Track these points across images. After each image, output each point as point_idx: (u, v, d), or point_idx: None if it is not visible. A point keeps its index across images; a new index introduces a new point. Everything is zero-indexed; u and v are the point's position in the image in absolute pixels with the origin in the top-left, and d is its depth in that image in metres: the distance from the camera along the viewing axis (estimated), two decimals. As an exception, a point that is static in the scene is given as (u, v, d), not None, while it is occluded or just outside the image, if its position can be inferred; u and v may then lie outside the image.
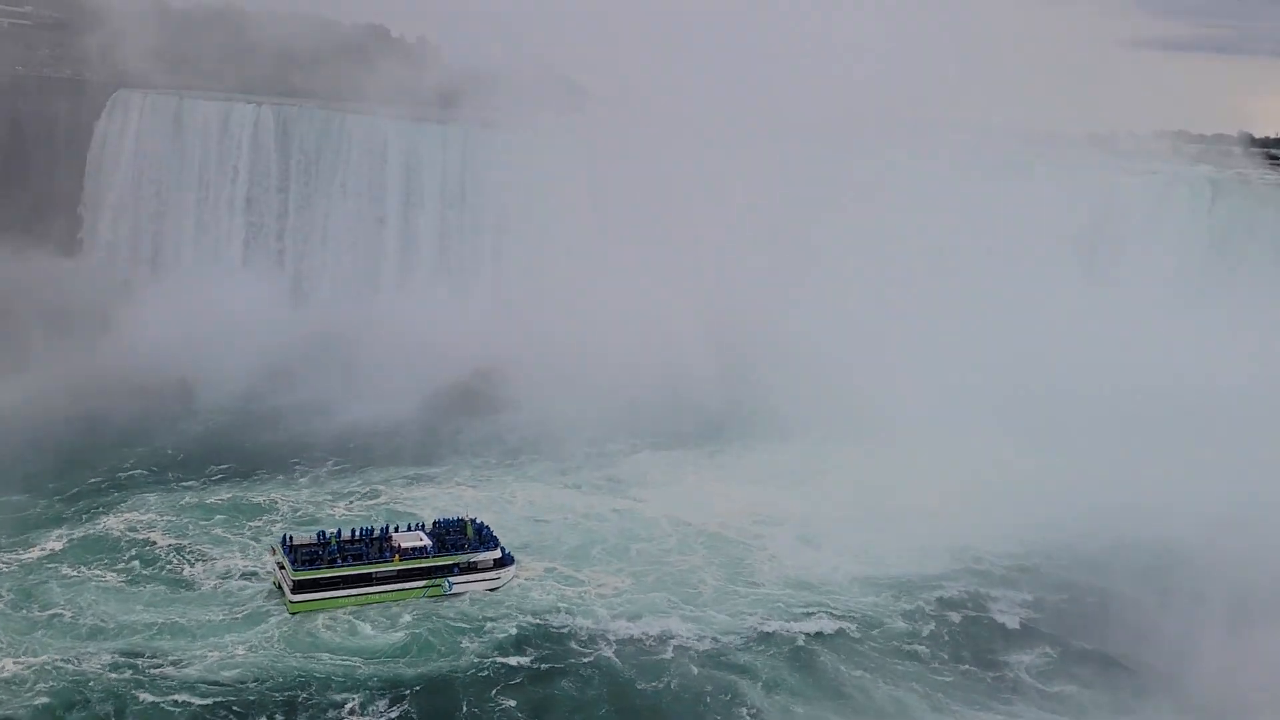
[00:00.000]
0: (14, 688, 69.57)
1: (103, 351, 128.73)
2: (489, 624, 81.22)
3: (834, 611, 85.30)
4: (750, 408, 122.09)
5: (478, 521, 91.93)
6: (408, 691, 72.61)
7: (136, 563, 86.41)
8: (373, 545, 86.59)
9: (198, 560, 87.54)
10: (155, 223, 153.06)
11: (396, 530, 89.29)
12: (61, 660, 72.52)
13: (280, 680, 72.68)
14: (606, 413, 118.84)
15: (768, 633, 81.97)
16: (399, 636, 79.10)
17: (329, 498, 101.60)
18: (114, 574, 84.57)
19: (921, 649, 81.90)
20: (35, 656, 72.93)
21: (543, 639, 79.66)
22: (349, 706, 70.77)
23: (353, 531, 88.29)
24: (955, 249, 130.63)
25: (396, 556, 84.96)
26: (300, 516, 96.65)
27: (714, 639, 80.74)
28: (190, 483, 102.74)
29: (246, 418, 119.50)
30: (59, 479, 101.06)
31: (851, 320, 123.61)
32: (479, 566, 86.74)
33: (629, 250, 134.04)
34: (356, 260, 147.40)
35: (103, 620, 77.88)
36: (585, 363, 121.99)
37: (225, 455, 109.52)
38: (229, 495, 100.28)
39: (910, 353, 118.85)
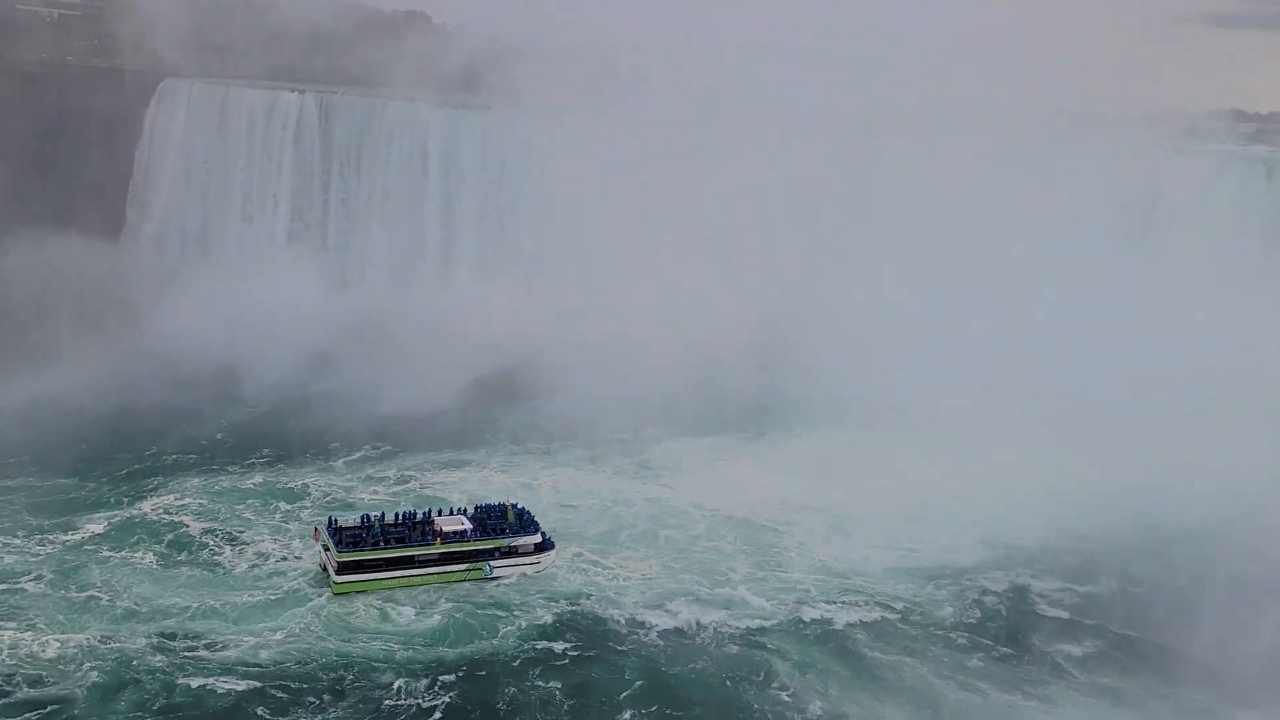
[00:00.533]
0: (61, 667, 71.29)
1: (149, 338, 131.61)
2: (522, 608, 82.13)
3: (865, 598, 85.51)
4: (787, 396, 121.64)
5: (518, 506, 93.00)
6: (449, 675, 73.59)
7: (174, 546, 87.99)
8: (415, 529, 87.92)
9: (234, 544, 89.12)
10: (201, 211, 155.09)
11: (439, 514, 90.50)
12: (103, 641, 74.06)
13: (323, 663, 73.84)
14: (643, 400, 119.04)
15: (799, 617, 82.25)
16: (436, 620, 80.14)
17: (361, 482, 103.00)
18: (152, 556, 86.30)
19: (954, 635, 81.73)
20: (79, 633, 74.70)
21: (576, 623, 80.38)
22: (395, 687, 71.80)
23: (396, 515, 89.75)
24: (999, 234, 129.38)
25: (438, 540, 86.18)
26: (331, 501, 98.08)
27: (745, 623, 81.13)
28: (231, 468, 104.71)
29: (288, 403, 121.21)
30: (104, 463, 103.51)
31: (892, 307, 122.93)
32: (519, 551, 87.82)
33: (668, 238, 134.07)
34: (397, 248, 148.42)
35: (138, 603, 79.44)
36: (624, 350, 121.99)
37: (267, 440, 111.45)
38: (266, 480, 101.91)
39: (951, 339, 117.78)
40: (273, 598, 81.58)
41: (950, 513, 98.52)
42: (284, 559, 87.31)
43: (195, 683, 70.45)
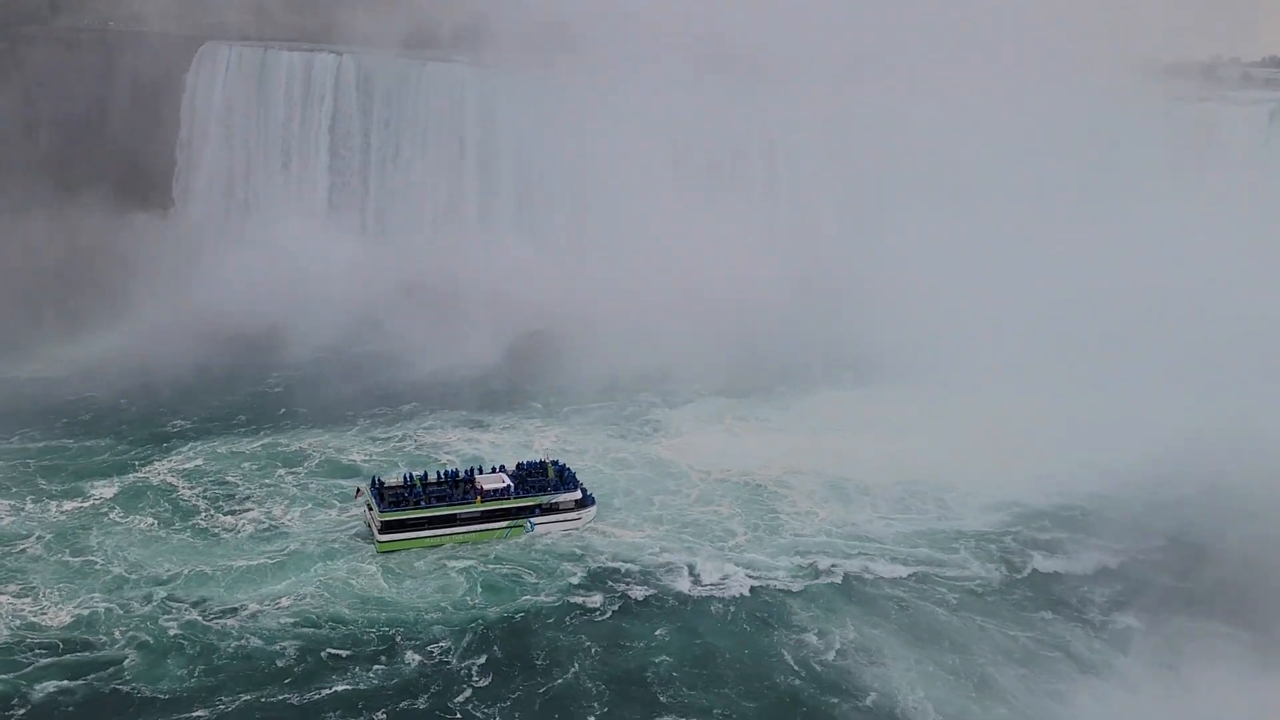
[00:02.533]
0: (100, 631, 72.48)
1: (193, 302, 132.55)
2: (547, 566, 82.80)
3: (895, 554, 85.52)
4: (827, 357, 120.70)
5: (559, 463, 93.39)
6: (486, 630, 74.33)
7: (179, 512, 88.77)
8: (457, 487, 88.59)
9: (240, 506, 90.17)
10: (244, 174, 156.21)
11: (479, 472, 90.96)
12: (133, 605, 75.11)
13: (365, 622, 74.47)
14: (677, 361, 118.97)
15: (827, 571, 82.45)
16: (469, 579, 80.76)
17: (363, 443, 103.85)
18: (152, 519, 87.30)
19: (983, 588, 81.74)
20: (89, 595, 76.07)
21: (604, 580, 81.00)
22: (441, 644, 72.53)
23: (438, 474, 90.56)
24: (1046, 187, 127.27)
25: (479, 498, 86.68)
26: (325, 463, 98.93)
27: (770, 578, 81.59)
28: (254, 431, 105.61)
29: (329, 367, 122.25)
30: (133, 427, 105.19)
31: (936, 264, 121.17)
32: (560, 507, 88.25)
33: (708, 199, 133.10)
34: (436, 209, 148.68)
35: (176, 563, 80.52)
36: (663, 311, 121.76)
37: (297, 403, 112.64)
38: (306, 443, 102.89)
39: (996, 293, 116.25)
40: (275, 560, 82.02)
41: (989, 469, 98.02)
42: (294, 520, 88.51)
43: (235, 645, 71.37)
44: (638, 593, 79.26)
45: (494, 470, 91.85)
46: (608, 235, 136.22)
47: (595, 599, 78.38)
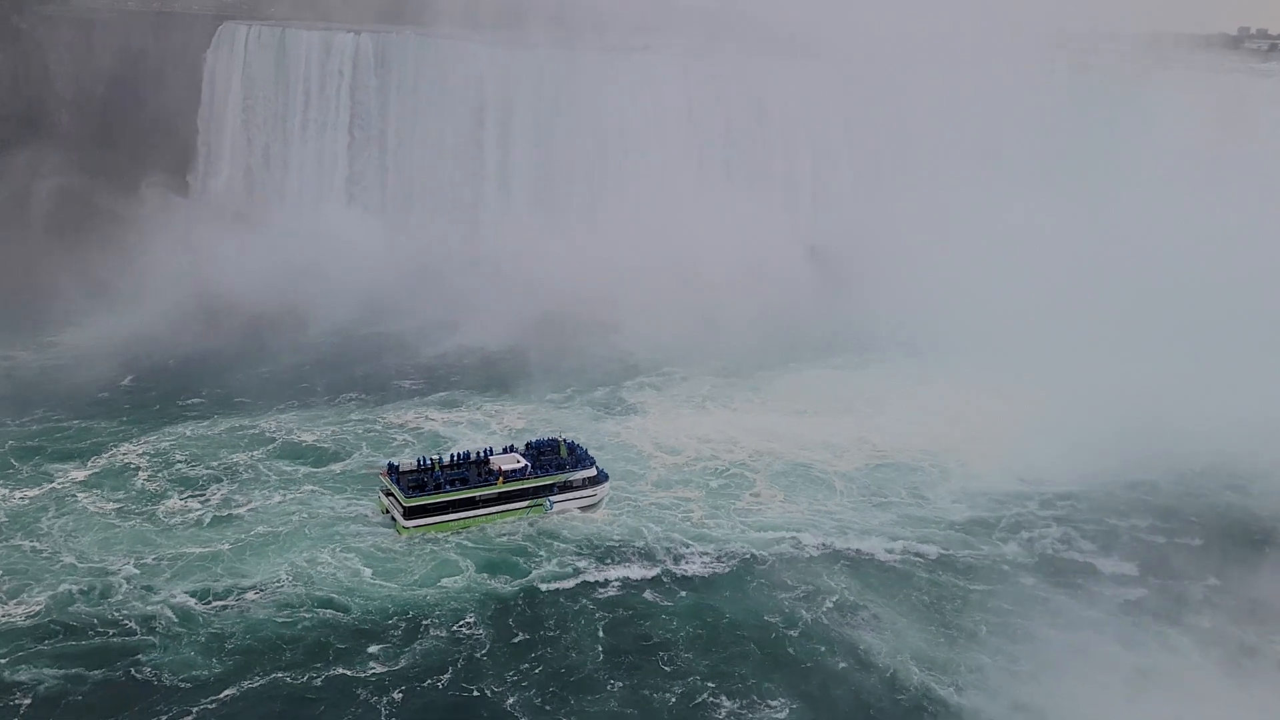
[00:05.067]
0: (115, 614, 72.87)
1: (213, 281, 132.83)
2: (552, 545, 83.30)
3: (918, 532, 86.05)
4: (842, 332, 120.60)
5: (570, 440, 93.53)
6: (499, 605, 74.95)
7: (139, 496, 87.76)
8: (474, 469, 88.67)
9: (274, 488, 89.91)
10: (262, 153, 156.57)
11: (491, 454, 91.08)
12: (148, 588, 74.99)
13: (378, 602, 74.69)
14: (685, 341, 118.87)
15: (845, 547, 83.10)
16: (481, 559, 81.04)
17: (322, 425, 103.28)
18: (198, 501, 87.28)
19: (1013, 562, 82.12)
20: (119, 582, 75.95)
21: (609, 556, 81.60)
22: (466, 620, 73.02)
23: (451, 456, 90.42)
24: (1068, 159, 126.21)
25: (501, 479, 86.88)
26: (282, 445, 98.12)
27: (787, 550, 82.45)
28: (277, 408, 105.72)
29: (346, 347, 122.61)
30: (129, 409, 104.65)
31: (955, 239, 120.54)
32: (576, 485, 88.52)
33: (725, 175, 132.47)
34: (455, 187, 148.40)
35: (193, 546, 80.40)
36: (681, 289, 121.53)
37: (304, 385, 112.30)
38: (317, 420, 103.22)
39: (1008, 270, 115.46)
40: (340, 540, 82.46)
41: (1011, 445, 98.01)
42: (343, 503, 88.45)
43: (247, 626, 71.33)
44: (646, 567, 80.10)
45: (505, 450, 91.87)
46: (624, 215, 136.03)
47: (603, 575, 78.95)
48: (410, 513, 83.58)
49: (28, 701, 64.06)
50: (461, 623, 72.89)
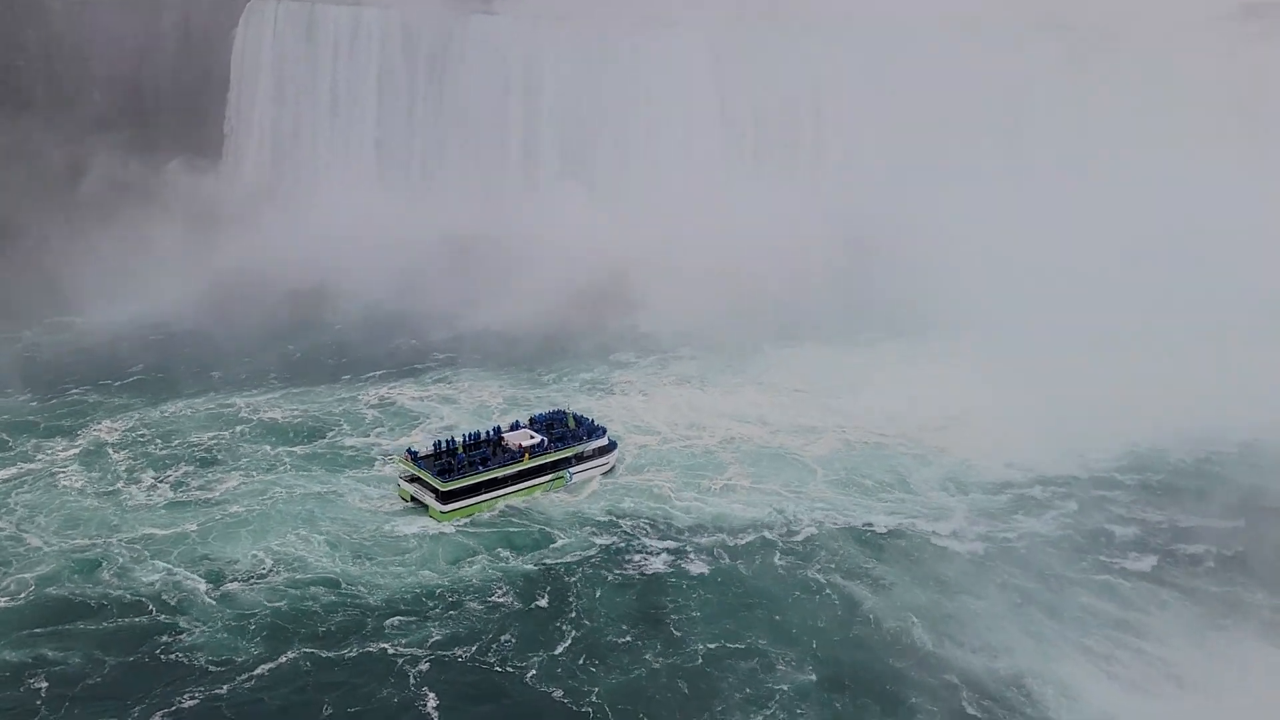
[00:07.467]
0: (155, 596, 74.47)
1: (243, 257, 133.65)
2: (569, 520, 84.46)
3: (947, 510, 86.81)
4: (872, 310, 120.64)
5: (575, 412, 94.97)
6: (524, 580, 76.08)
7: (105, 473, 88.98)
8: (493, 448, 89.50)
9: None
10: (292, 128, 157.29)
11: (501, 431, 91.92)
12: (171, 566, 76.38)
13: (402, 579, 75.89)
14: (707, 320, 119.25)
15: (867, 524, 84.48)
16: (495, 538, 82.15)
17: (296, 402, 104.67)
18: (84, 481, 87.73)
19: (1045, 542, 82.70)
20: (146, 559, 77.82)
21: (621, 531, 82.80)
22: (498, 594, 74.35)
23: (464, 437, 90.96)
24: (1098, 142, 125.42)
25: (526, 455, 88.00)
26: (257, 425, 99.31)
27: (801, 529, 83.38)
28: (296, 387, 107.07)
29: (369, 324, 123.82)
30: (132, 386, 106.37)
31: (986, 224, 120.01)
32: (589, 455, 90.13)
33: (755, 155, 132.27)
34: (482, 162, 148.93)
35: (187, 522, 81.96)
36: (707, 267, 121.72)
37: (336, 358, 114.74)
38: (328, 399, 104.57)
39: (1046, 253, 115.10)
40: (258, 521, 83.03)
41: (1048, 427, 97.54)
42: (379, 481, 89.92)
43: (272, 605, 72.35)
44: (663, 539, 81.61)
45: (513, 428, 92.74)
46: (653, 192, 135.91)
47: (617, 548, 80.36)
48: (446, 497, 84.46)
49: (45, 685, 64.63)
50: (490, 597, 73.96)
